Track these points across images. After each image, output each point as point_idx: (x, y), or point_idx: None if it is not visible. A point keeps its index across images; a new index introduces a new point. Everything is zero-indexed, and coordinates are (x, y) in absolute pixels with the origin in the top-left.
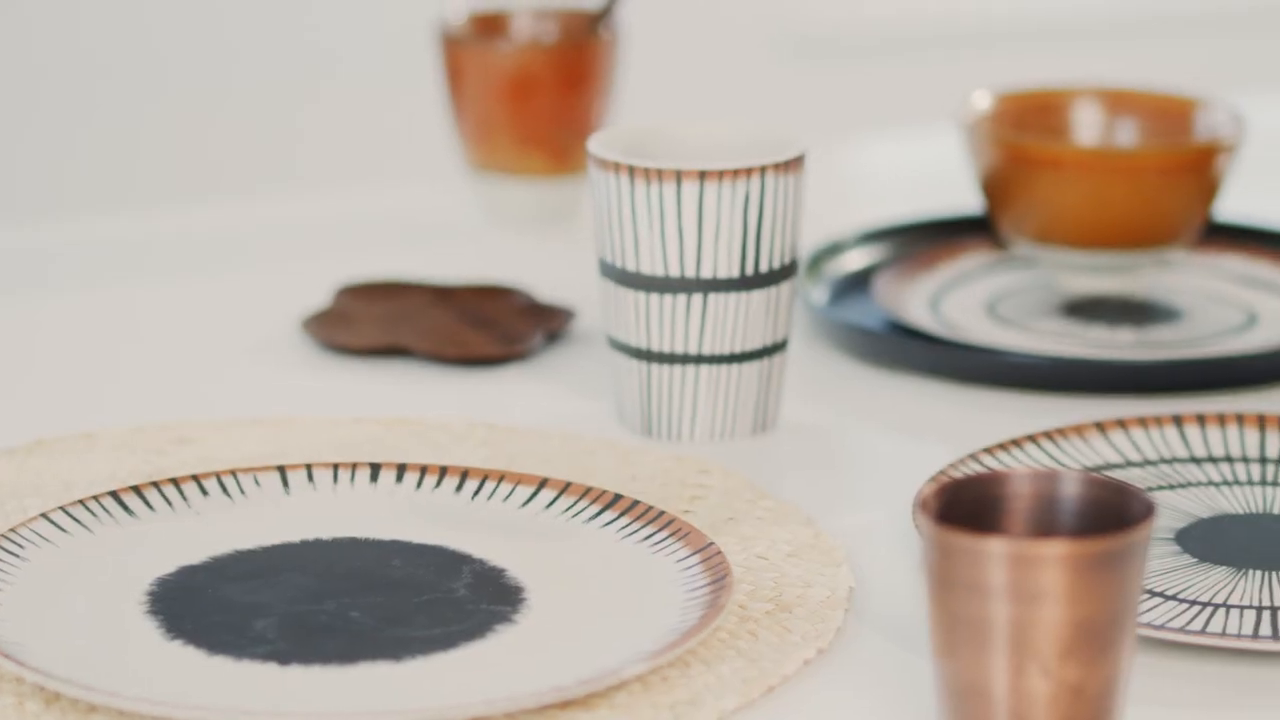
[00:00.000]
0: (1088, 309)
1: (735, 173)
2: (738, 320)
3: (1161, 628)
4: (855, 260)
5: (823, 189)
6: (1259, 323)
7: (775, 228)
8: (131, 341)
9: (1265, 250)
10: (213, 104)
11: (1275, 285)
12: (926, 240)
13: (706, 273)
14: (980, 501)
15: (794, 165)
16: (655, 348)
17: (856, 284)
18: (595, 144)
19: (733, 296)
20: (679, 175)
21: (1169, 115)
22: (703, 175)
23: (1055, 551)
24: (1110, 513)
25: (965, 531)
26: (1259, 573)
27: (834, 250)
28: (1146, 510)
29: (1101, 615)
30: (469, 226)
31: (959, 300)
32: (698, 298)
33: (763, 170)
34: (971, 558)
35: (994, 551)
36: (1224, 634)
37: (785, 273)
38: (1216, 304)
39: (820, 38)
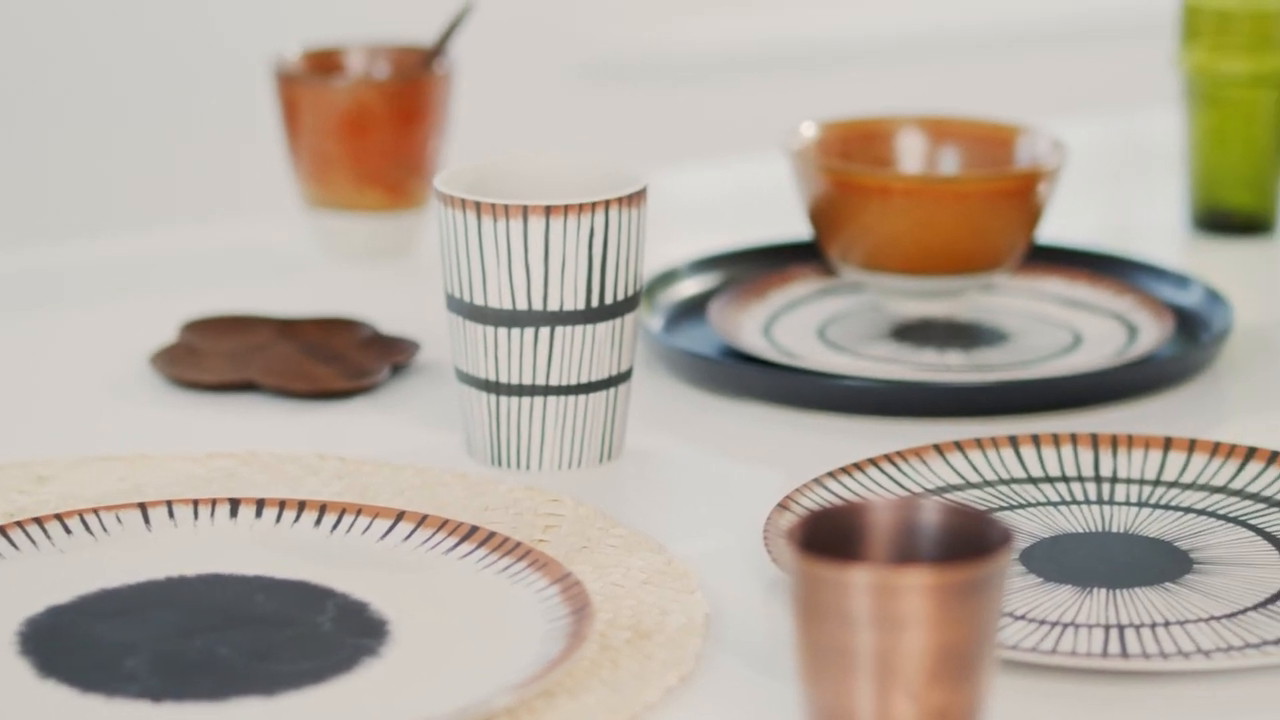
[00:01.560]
0: (917, 332)
1: (580, 207)
2: (584, 351)
3: (1015, 648)
4: (689, 288)
5: (650, 218)
6: (1084, 343)
7: (620, 260)
8: None
9: (1083, 272)
10: (55, 142)
11: (1095, 306)
12: (758, 267)
13: (553, 305)
14: (842, 531)
15: (637, 198)
16: (503, 380)
17: (691, 311)
18: (441, 181)
19: (579, 329)
20: (525, 211)
21: (992, 143)
22: (548, 210)
23: (918, 580)
24: (969, 540)
25: (829, 561)
26: (1103, 591)
27: (668, 279)
28: (1004, 538)
29: (965, 640)
30: (309, 261)
31: (791, 326)
32: (545, 330)
33: (607, 204)
34: (836, 587)
35: (858, 581)
36: (1074, 653)
37: (629, 304)
38: (1041, 325)
39: (632, 65)
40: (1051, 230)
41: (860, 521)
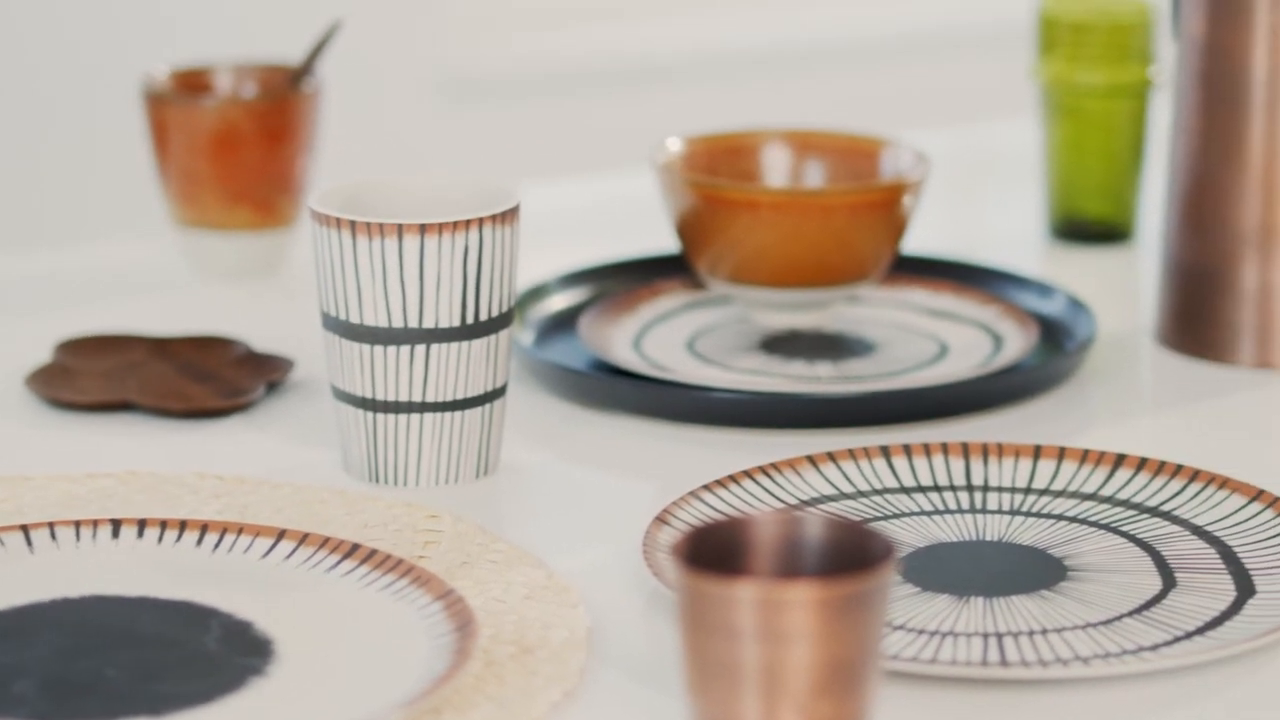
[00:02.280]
0: (785, 344)
1: (455, 225)
2: (460, 368)
3: (895, 658)
4: (559, 302)
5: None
6: (950, 353)
7: (494, 277)
8: None
9: (947, 283)
10: None
11: (960, 316)
12: (627, 281)
13: (429, 323)
14: (726, 545)
15: (510, 216)
16: (380, 397)
17: (561, 326)
18: (315, 200)
19: (454, 346)
20: (400, 229)
21: (856, 156)
22: (423, 229)
23: (804, 595)
24: (851, 553)
25: (715, 577)
26: (980, 599)
27: (538, 293)
28: (886, 550)
29: (850, 653)
30: (180, 281)
31: (660, 339)
32: (420, 348)
33: (481, 222)
34: (722, 602)
35: (743, 596)
36: (954, 662)
37: (504, 320)
38: (908, 335)
39: (495, 80)
40: (914, 241)
41: (744, 536)
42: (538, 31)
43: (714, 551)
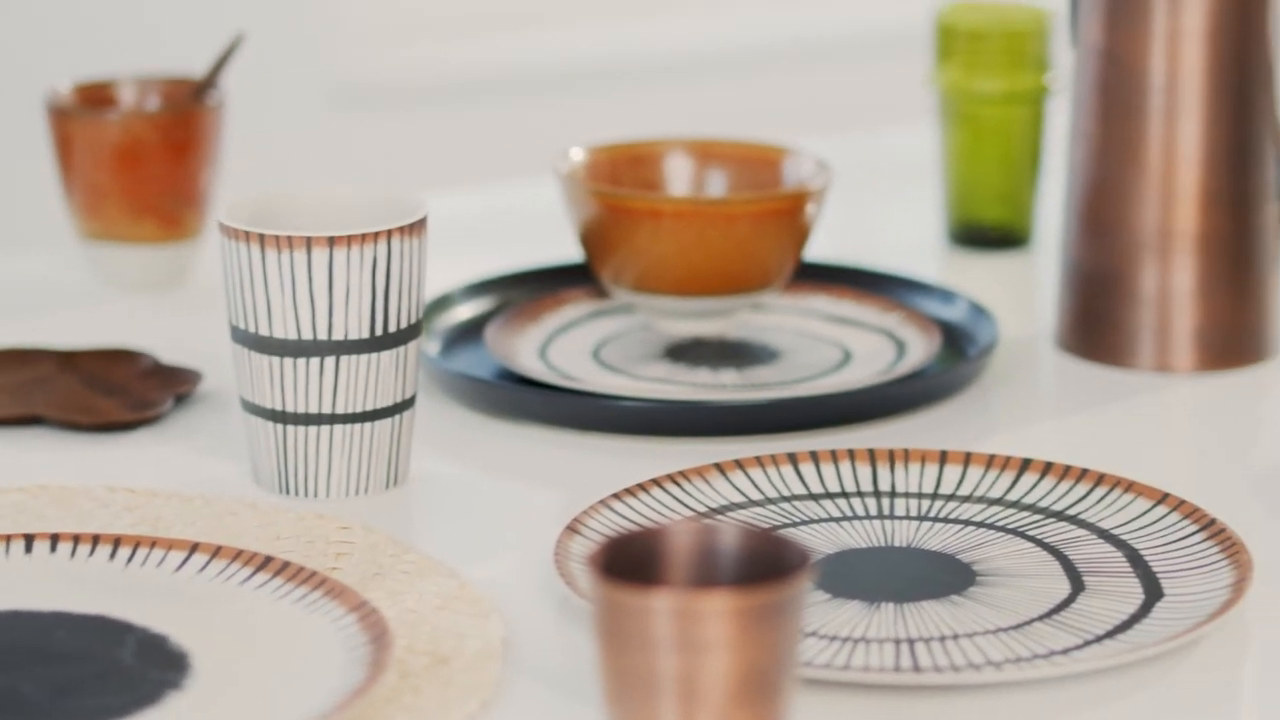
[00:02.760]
0: (690, 352)
1: (363, 237)
2: (369, 380)
3: (808, 665)
4: (464, 313)
5: None
6: (854, 359)
7: (403, 289)
8: None
9: (848, 289)
10: None
11: (862, 323)
12: (531, 290)
13: (338, 335)
14: (642, 555)
15: (418, 227)
16: (290, 409)
17: (467, 335)
18: (224, 214)
19: (364, 357)
20: (309, 242)
21: (758, 164)
22: (332, 241)
23: (720, 605)
24: (767, 562)
25: (631, 587)
26: (891, 605)
27: (443, 303)
28: (802, 559)
29: (767, 662)
30: (85, 293)
31: (566, 348)
32: (330, 360)
33: (389, 234)
34: (638, 613)
35: (660, 607)
36: (867, 668)
37: (412, 331)
38: (811, 342)
39: (394, 90)
40: (815, 248)
41: (659, 546)
42: (436, 41)
43: (629, 562)
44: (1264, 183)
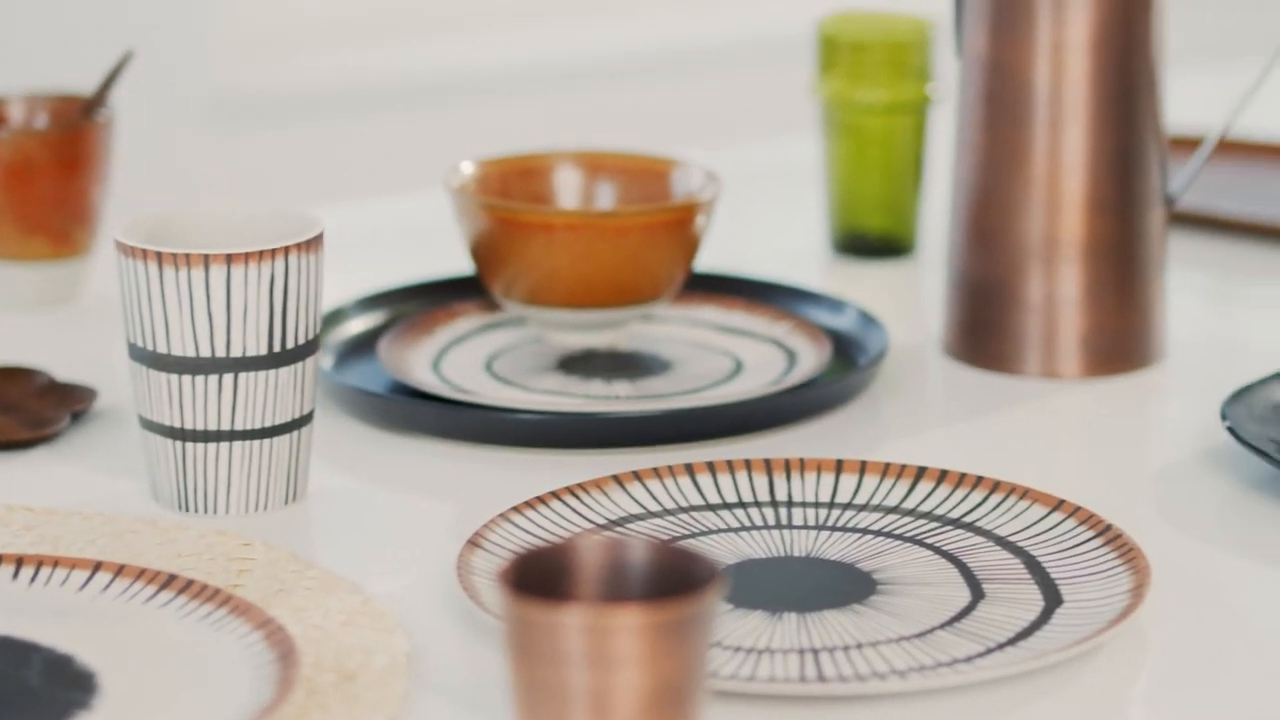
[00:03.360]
0: (582, 364)
1: (261, 254)
2: (268, 396)
3: (714, 676)
4: (357, 326)
5: None
6: (745, 369)
7: (300, 305)
8: None
9: (738, 300)
10: None
11: (752, 333)
12: (423, 303)
13: (236, 352)
14: (552, 570)
15: (315, 244)
16: (188, 426)
17: (360, 349)
18: (121, 232)
19: (262, 374)
20: (206, 260)
21: (647, 176)
22: (229, 259)
23: (631, 620)
24: (676, 576)
25: (542, 603)
26: (793, 615)
27: (336, 317)
28: (711, 573)
29: (678, 676)
30: None
31: (459, 361)
32: (229, 377)
33: (286, 250)
34: (549, 629)
35: (571, 622)
36: (772, 679)
37: (310, 347)
38: (703, 353)
39: (280, 102)
40: (702, 258)
41: (568, 561)
42: (321, 52)
43: (539, 577)
44: (1148, 189)
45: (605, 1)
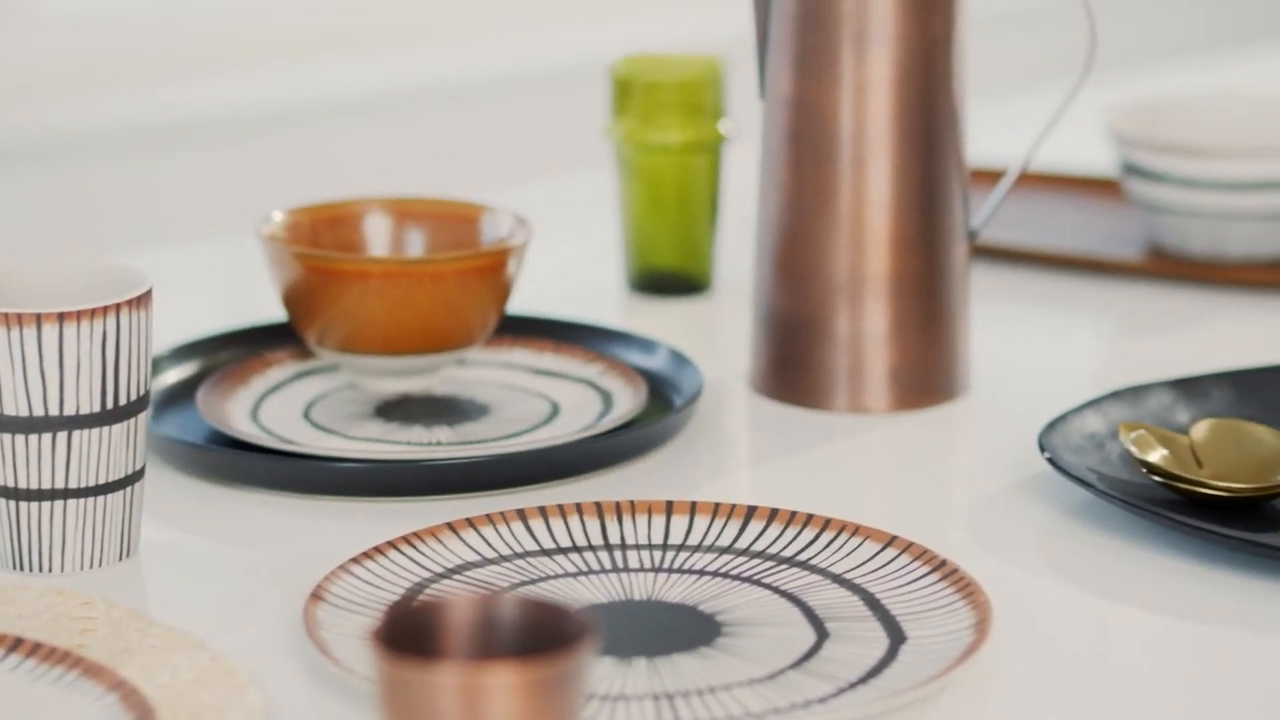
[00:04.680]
0: (399, 410)
1: (93, 312)
2: (101, 453)
3: None
4: (172, 376)
5: None
6: (562, 411)
7: (131, 361)
8: None
9: (548, 342)
10: None
11: (564, 374)
12: (238, 351)
13: (69, 410)
14: (423, 629)
15: (145, 299)
16: (22, 485)
17: (177, 399)
18: None
19: (95, 431)
20: (39, 318)
21: (456, 222)
22: (62, 317)
23: (505, 678)
24: (548, 633)
25: (415, 662)
26: (642, 660)
27: (152, 368)
28: (582, 629)
29: None
30: None
31: (277, 410)
32: (62, 435)
33: (118, 307)
34: (423, 689)
35: (445, 682)
36: None
37: (142, 403)
38: (518, 396)
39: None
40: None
41: (439, 619)
42: (110, 90)
43: (410, 635)
44: (952, 225)
45: (400, 33)
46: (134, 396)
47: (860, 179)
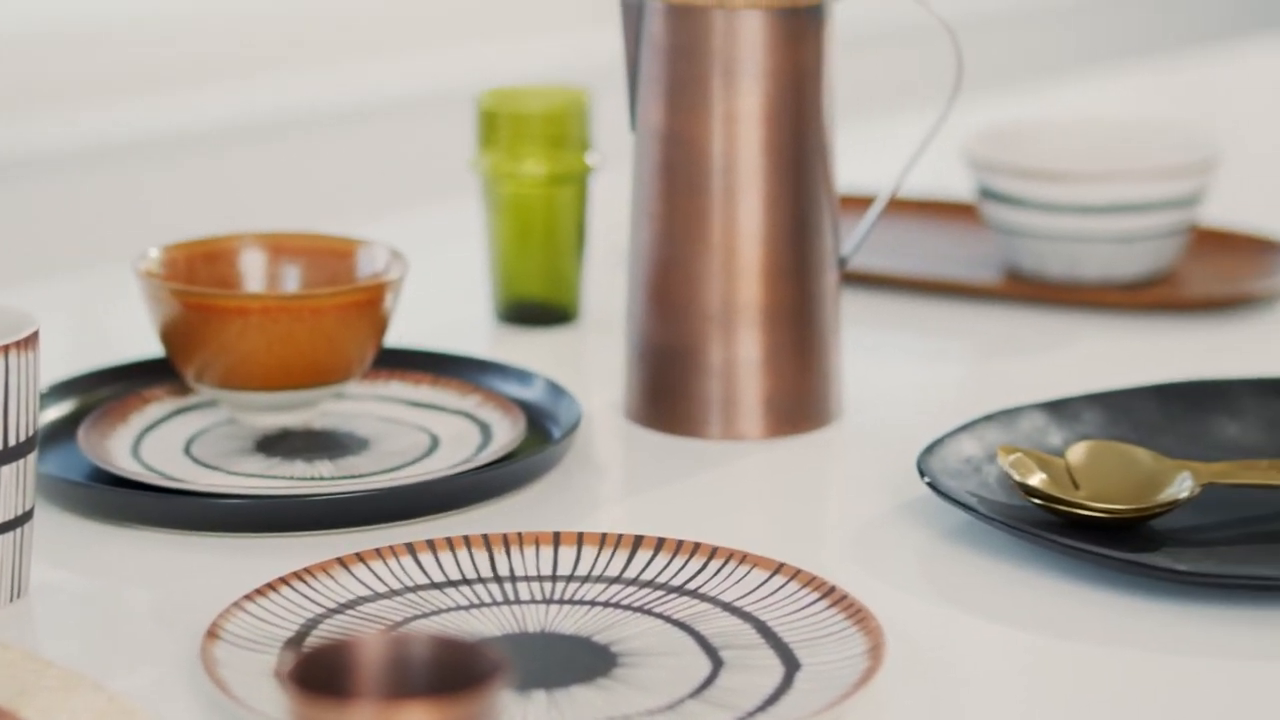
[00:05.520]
0: (280, 445)
1: None
2: None
3: None
4: (51, 414)
5: None
6: (442, 444)
7: (20, 402)
8: None
9: (424, 375)
10: None
11: (441, 406)
12: (116, 388)
13: None
14: (335, 668)
15: (33, 340)
16: None
17: (57, 437)
18: None
19: None
20: None
21: (331, 256)
22: None
23: (420, 718)
24: (461, 671)
25: (329, 702)
26: (541, 693)
27: None
28: (494, 667)
29: None
30: None
31: (157, 447)
32: None
33: (6, 349)
34: None
35: None
36: None
37: (31, 443)
38: (398, 429)
39: None
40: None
41: (352, 658)
42: None
43: (323, 675)
44: (823, 254)
45: (255, 62)
46: (23, 437)
47: (732, 209)
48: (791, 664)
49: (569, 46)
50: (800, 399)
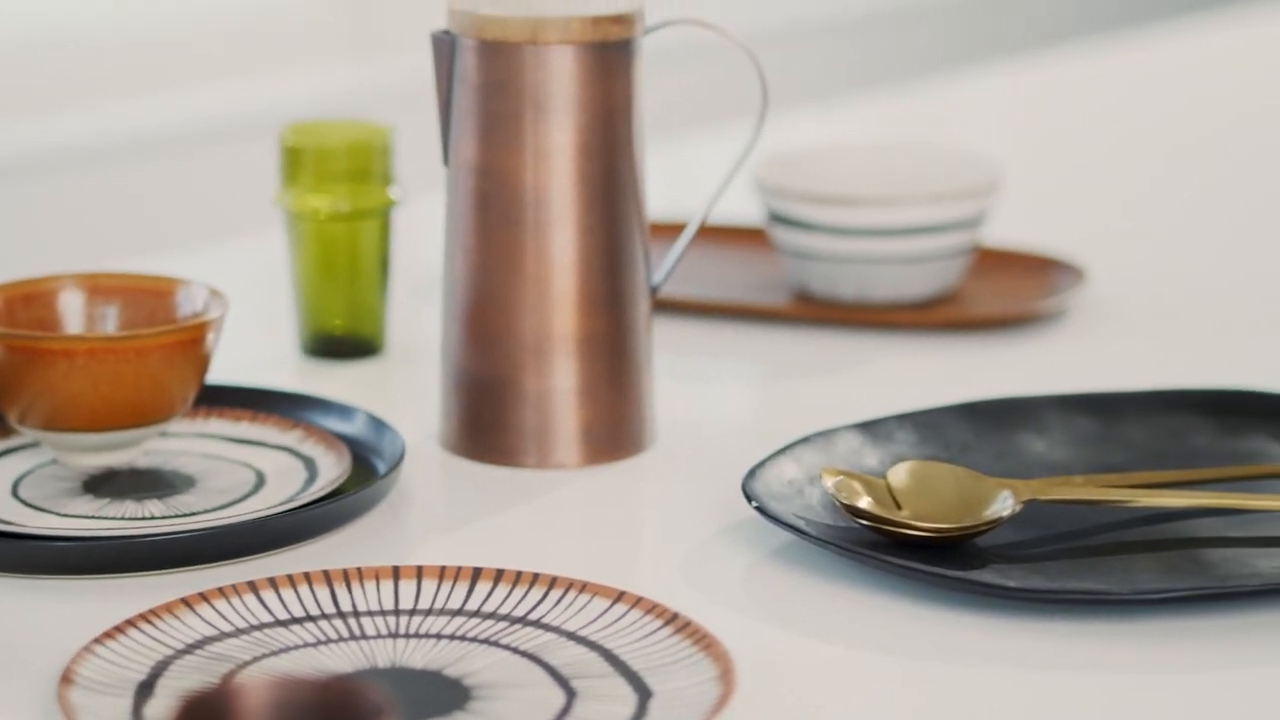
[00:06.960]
0: (107, 485)
1: None
2: None
3: None
4: None
5: None
6: (268, 480)
7: None
8: None
9: (243, 411)
10: None
11: (262, 442)
12: None
13: None
14: (220, 714)
15: None
16: None
17: None
18: None
19: None
20: None
21: (150, 295)
22: None
23: None
24: (344, 715)
25: None
26: None
27: None
28: (383, 707)
29: None
30: None
31: None
32: None
33: None
34: None
35: None
36: None
37: None
38: (222, 465)
39: None
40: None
41: (236, 703)
42: None
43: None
44: (635, 284)
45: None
46: None
47: (545, 242)
48: (644, 692)
49: (371, 74)
50: (616, 427)
